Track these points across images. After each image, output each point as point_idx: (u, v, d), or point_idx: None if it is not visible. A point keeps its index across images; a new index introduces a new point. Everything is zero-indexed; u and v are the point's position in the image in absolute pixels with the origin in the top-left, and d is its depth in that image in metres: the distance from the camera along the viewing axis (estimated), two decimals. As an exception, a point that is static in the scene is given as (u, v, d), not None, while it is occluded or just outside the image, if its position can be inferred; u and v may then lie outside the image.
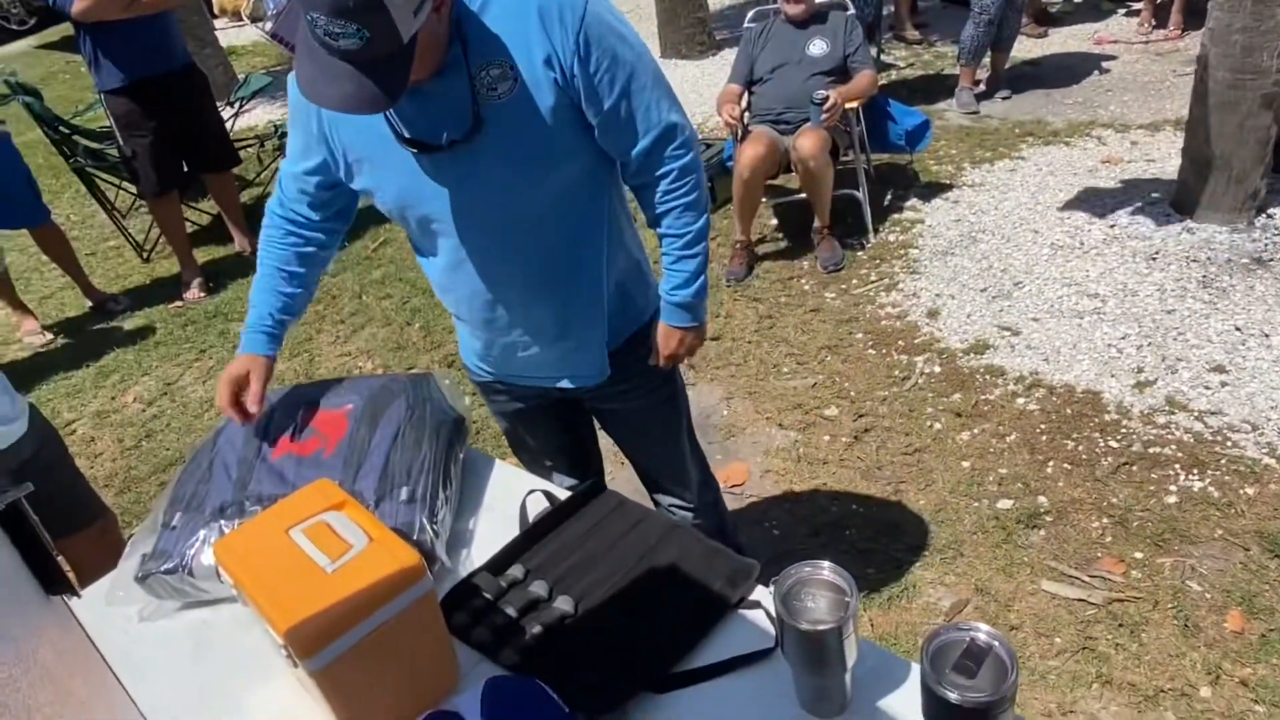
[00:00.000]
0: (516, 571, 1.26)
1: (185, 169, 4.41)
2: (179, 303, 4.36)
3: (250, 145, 5.55)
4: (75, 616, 0.77)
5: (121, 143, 4.14)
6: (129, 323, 4.27)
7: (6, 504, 0.63)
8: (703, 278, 1.55)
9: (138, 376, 3.81)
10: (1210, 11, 3.35)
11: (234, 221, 4.69)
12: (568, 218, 1.44)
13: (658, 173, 1.44)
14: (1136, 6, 5.89)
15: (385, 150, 1.35)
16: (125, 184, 4.84)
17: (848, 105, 3.66)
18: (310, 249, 1.54)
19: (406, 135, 1.32)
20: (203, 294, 4.37)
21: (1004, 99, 5.07)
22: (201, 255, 4.71)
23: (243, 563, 1.11)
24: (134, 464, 3.25)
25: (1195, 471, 2.48)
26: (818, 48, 3.76)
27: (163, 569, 1.29)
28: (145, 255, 4.88)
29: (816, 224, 3.83)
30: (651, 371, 1.66)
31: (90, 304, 4.41)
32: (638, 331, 1.62)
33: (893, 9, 6.32)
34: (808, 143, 3.52)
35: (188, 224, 4.73)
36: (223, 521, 1.32)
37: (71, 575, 1.93)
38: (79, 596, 0.74)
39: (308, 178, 1.47)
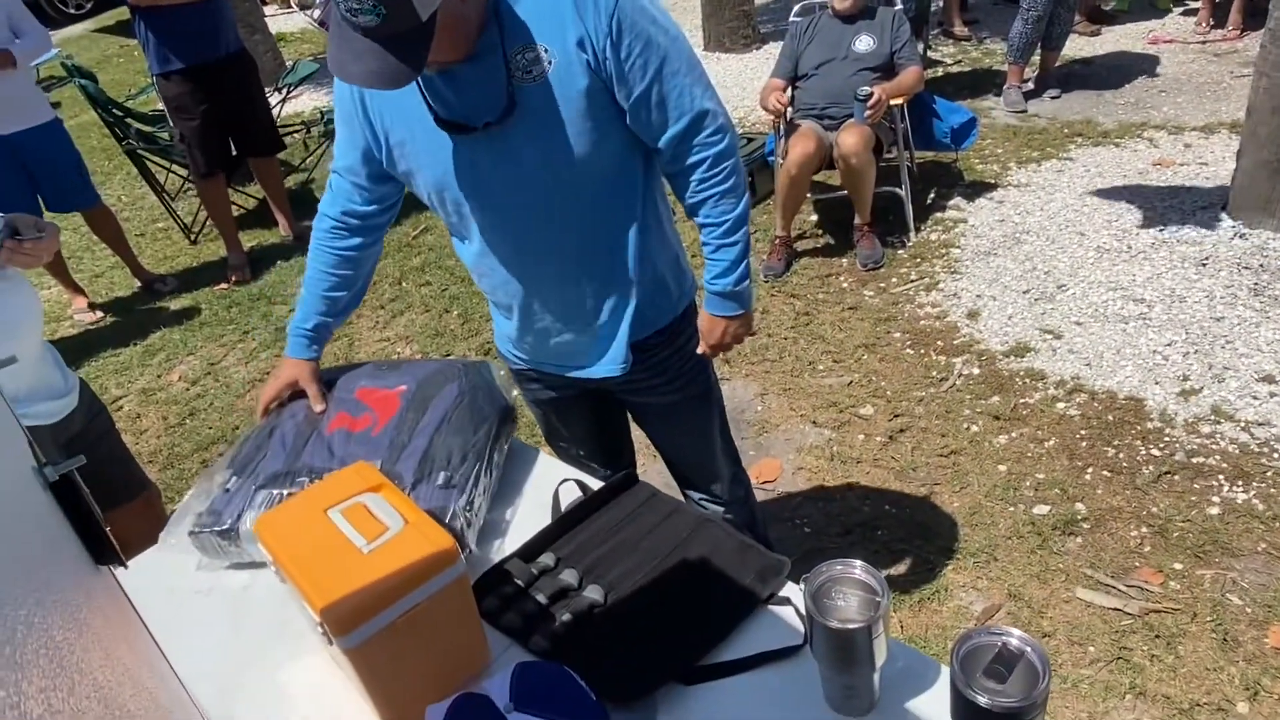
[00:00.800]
0: (547, 559, 1.28)
1: (233, 153, 4.49)
2: (224, 285, 4.44)
3: (297, 131, 5.64)
4: (121, 586, 0.79)
5: (172, 125, 4.23)
6: (175, 303, 4.36)
7: (60, 475, 0.65)
8: (745, 264, 1.53)
9: (183, 356, 3.89)
10: (1271, 12, 3.26)
11: (279, 206, 4.76)
12: (601, 202, 1.44)
13: (690, 160, 1.43)
14: (1194, 5, 5.74)
15: (424, 133, 1.38)
16: (175, 167, 4.94)
17: (892, 102, 3.62)
18: (356, 250, 1.58)
19: (443, 117, 1.35)
20: (247, 276, 4.45)
21: (1053, 98, 4.97)
22: (247, 239, 4.80)
23: (282, 541, 1.13)
24: (177, 441, 3.32)
25: (1240, 483, 2.43)
26: (864, 44, 3.72)
27: (213, 529, 1.34)
28: (193, 237, 4.98)
29: (857, 221, 3.79)
30: (684, 366, 1.66)
31: (139, 284, 4.52)
32: (671, 324, 1.62)
33: (942, 4, 6.23)
34: (850, 139, 3.48)
35: (234, 208, 4.82)
36: (272, 490, 1.37)
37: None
38: (126, 567, 0.76)
39: (359, 169, 1.51)
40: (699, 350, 1.62)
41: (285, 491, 1.35)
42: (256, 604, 1.31)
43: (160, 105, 4.29)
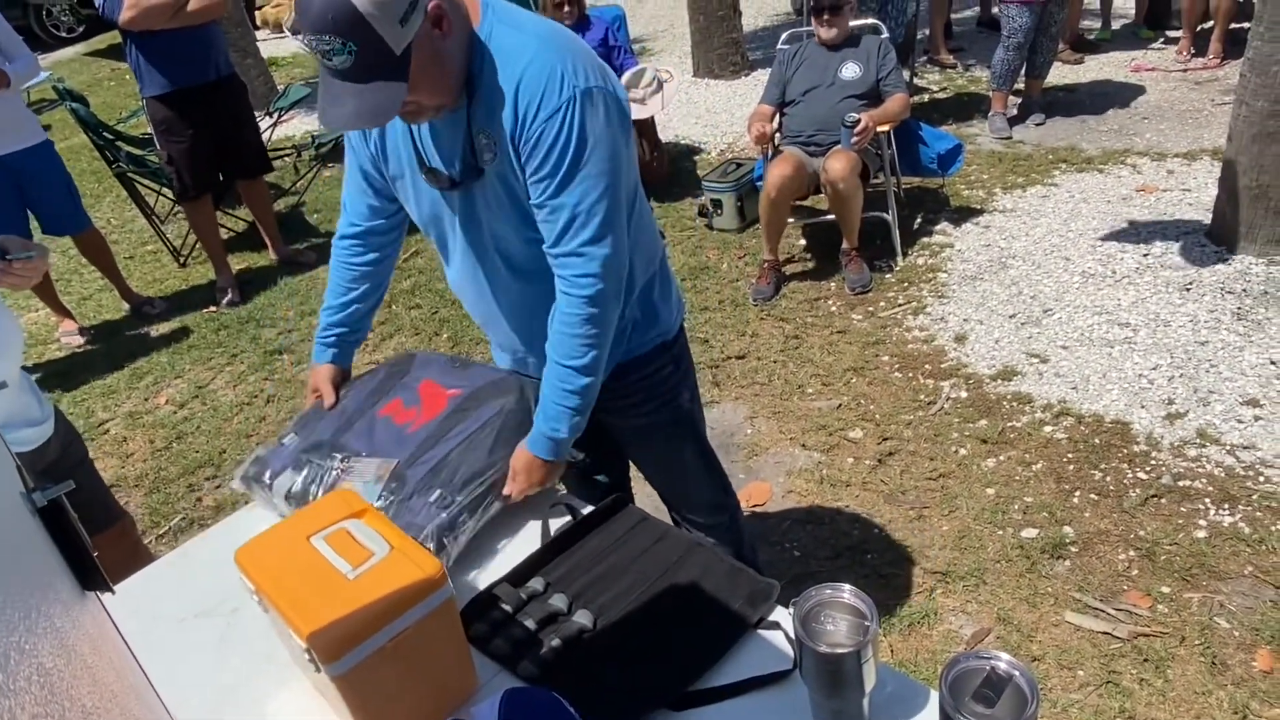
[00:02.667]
0: (537, 584, 1.27)
1: (221, 176, 4.50)
2: (213, 308, 4.43)
3: (287, 155, 5.65)
4: (108, 613, 0.79)
5: (159, 147, 4.24)
6: (164, 326, 4.34)
7: (48, 500, 0.65)
8: (579, 419, 1.46)
9: (170, 379, 3.88)
10: (1250, 41, 3.32)
11: (267, 229, 4.77)
12: (538, 279, 1.46)
13: (559, 286, 1.41)
14: (1175, 35, 5.84)
15: (412, 172, 1.47)
16: (165, 190, 4.94)
17: (879, 128, 3.66)
18: (370, 265, 1.67)
19: (428, 165, 1.42)
20: (236, 300, 4.44)
21: (1038, 125, 5.04)
22: (236, 262, 4.79)
23: (265, 570, 1.12)
24: (164, 465, 3.30)
25: (1226, 506, 2.44)
26: (850, 71, 3.77)
27: (256, 479, 1.48)
28: (182, 260, 4.97)
29: (845, 245, 3.82)
30: (653, 391, 1.68)
31: (127, 306, 4.50)
32: (645, 354, 1.63)
33: (927, 32, 6.32)
34: (838, 164, 3.52)
35: (223, 230, 4.81)
36: (310, 457, 1.46)
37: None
38: (113, 593, 0.76)
39: (365, 186, 1.58)
40: (505, 491, 1.46)
41: (318, 463, 1.44)
42: (243, 631, 1.30)
43: (149, 129, 4.30)
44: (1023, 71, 5.04)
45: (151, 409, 3.69)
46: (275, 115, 5.60)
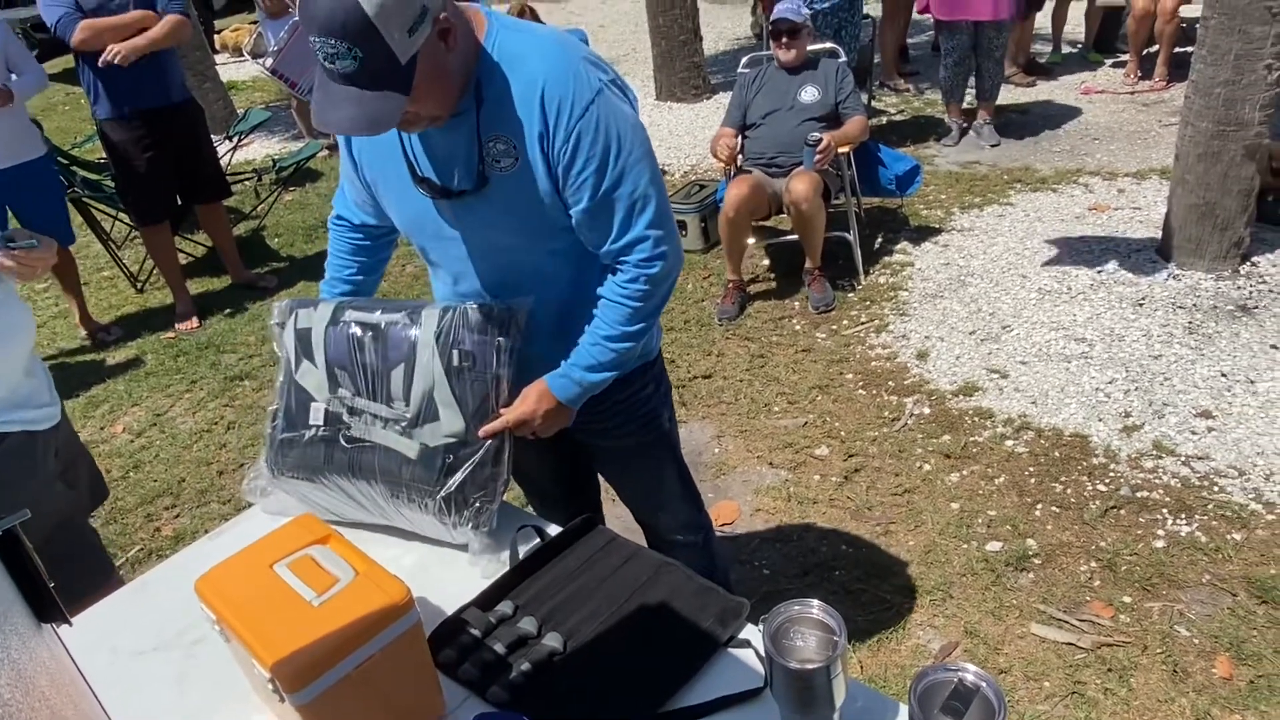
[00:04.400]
0: (505, 607, 1.26)
1: (179, 201, 4.44)
2: (171, 333, 4.36)
3: (247, 179, 5.60)
4: (65, 645, 0.77)
5: (115, 172, 4.18)
6: (120, 353, 4.26)
7: (2, 531, 0.63)
8: (606, 375, 1.49)
9: (127, 407, 3.80)
10: (1193, 65, 3.44)
11: (226, 253, 4.71)
12: (559, 279, 1.48)
13: (620, 273, 1.44)
14: (1123, 58, 6.02)
15: (397, 179, 1.44)
16: (121, 215, 4.87)
17: (840, 150, 3.72)
18: (369, 240, 1.67)
19: (420, 174, 1.39)
20: (195, 325, 4.37)
21: (993, 146, 5.16)
22: (195, 287, 4.72)
23: (227, 599, 1.10)
24: (121, 495, 3.22)
25: (1183, 516, 2.49)
26: (809, 94, 3.83)
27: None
28: (139, 286, 4.89)
29: (808, 265, 3.87)
30: (636, 412, 1.68)
31: (83, 333, 4.41)
32: (625, 377, 1.61)
33: (879, 59, 6.45)
34: (800, 185, 3.57)
35: (182, 255, 4.75)
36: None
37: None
38: (70, 624, 0.74)
39: (355, 186, 1.58)
40: (499, 413, 1.44)
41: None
42: (204, 663, 1.27)
43: (105, 152, 4.24)
44: (972, 94, 5.19)
45: (108, 438, 3.61)
46: (235, 139, 5.55)
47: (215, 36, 10.00)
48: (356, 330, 1.45)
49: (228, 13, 10.79)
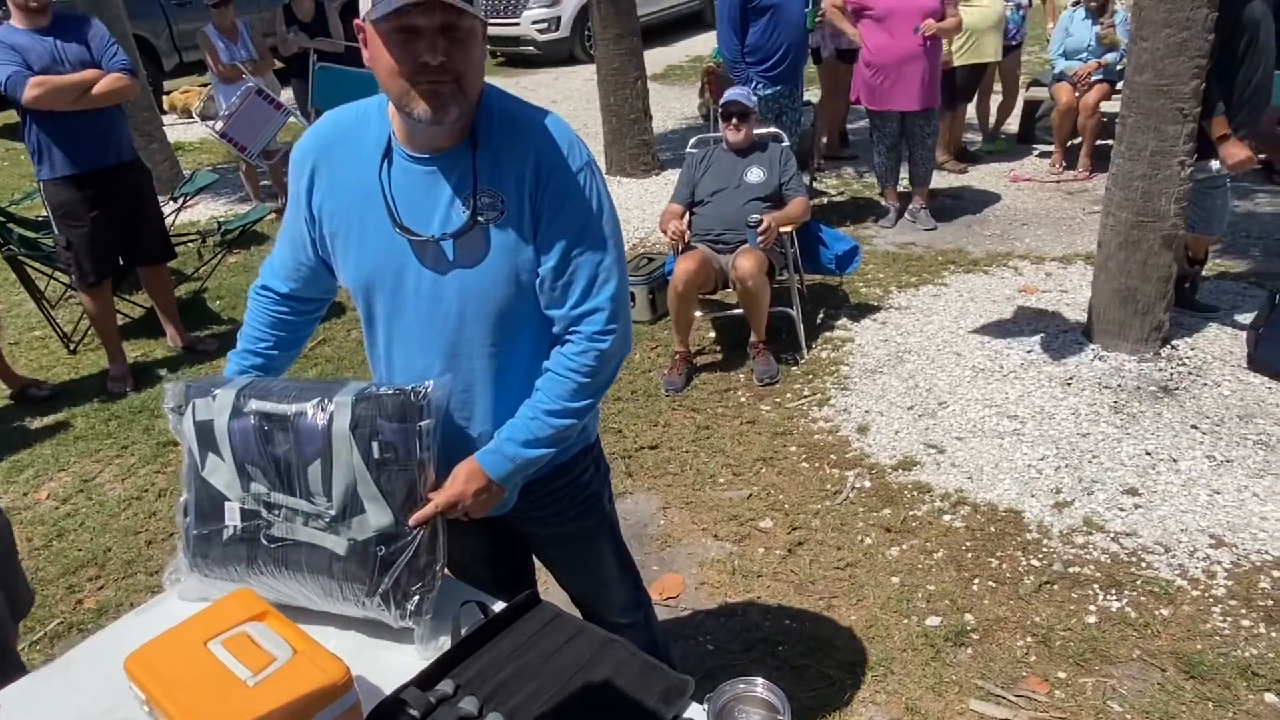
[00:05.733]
0: (446, 687, 1.24)
1: (121, 261, 4.37)
2: (104, 396, 4.23)
3: (191, 240, 5.54)
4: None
5: (57, 232, 4.10)
6: (48, 416, 4.12)
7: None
8: (543, 453, 1.47)
9: (53, 472, 3.66)
10: (1113, 159, 3.66)
11: (167, 316, 4.62)
12: (522, 337, 1.48)
13: (570, 344, 1.46)
14: (1049, 148, 6.36)
15: (366, 229, 1.43)
16: (57, 274, 4.76)
17: (782, 229, 3.85)
18: (292, 316, 1.63)
19: (400, 222, 1.40)
20: (129, 389, 4.26)
21: (928, 229, 5.37)
22: (131, 349, 4.61)
23: (158, 677, 1.07)
24: (42, 565, 3.08)
25: (1113, 591, 2.56)
26: (755, 175, 3.97)
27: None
28: (72, 347, 4.75)
29: (753, 339, 3.95)
30: (576, 498, 1.67)
31: (8, 393, 4.25)
32: (564, 464, 1.62)
33: (825, 140, 6.70)
34: (746, 262, 3.67)
35: (120, 317, 4.65)
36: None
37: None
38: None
39: (299, 248, 1.55)
40: (428, 498, 1.41)
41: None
42: (128, 745, 1.22)
43: (45, 211, 4.17)
44: (906, 179, 5.45)
45: (31, 504, 3.46)
46: (180, 200, 5.50)
47: (164, 97, 9.96)
48: (264, 424, 1.38)
49: (178, 73, 10.76)
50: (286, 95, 7.43)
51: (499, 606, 1.40)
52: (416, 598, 1.36)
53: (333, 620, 1.42)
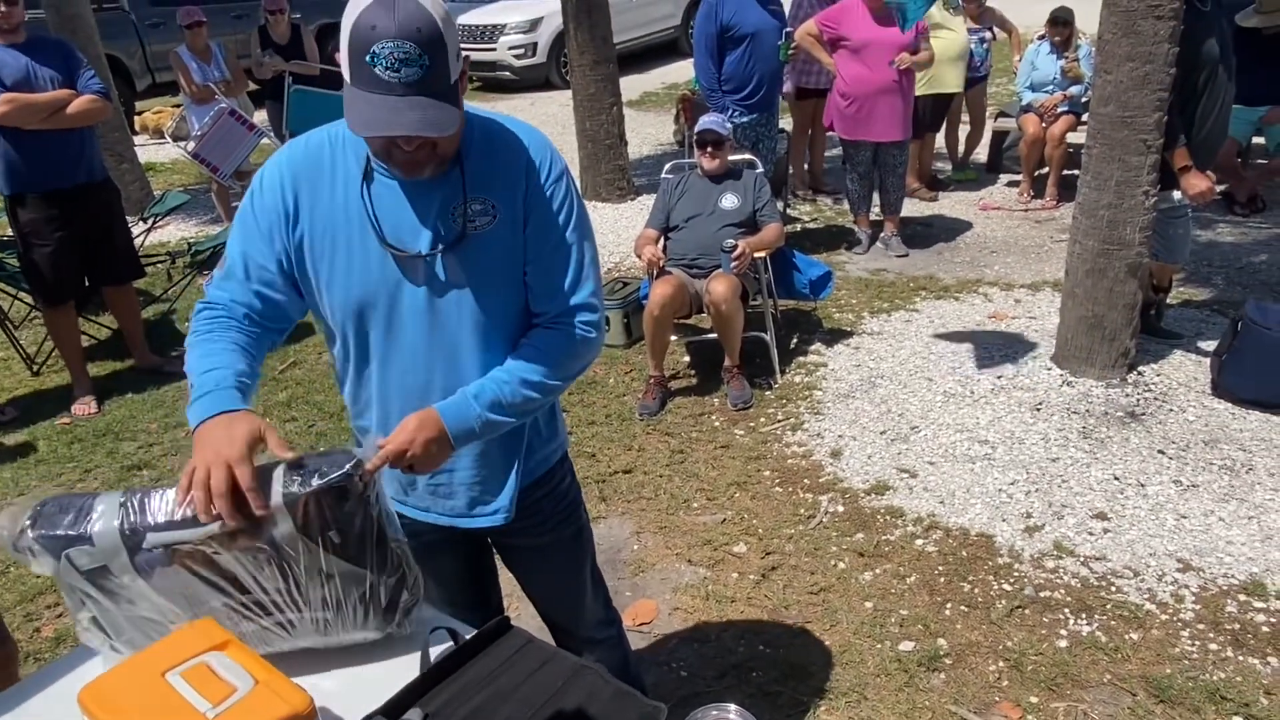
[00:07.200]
0: (414, 715, 1.22)
1: (87, 282, 4.30)
2: (66, 418, 4.15)
3: (160, 261, 5.47)
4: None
5: (22, 251, 4.03)
6: (9, 438, 4.03)
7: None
8: (505, 421, 1.45)
9: (12, 497, 3.57)
10: (1080, 188, 3.72)
11: (133, 337, 4.55)
12: (519, 334, 1.51)
13: (556, 327, 1.50)
14: (1017, 178, 6.47)
15: (354, 251, 1.42)
16: (22, 293, 4.68)
17: (756, 255, 3.87)
18: (256, 335, 1.46)
19: (386, 241, 1.40)
20: (93, 410, 4.18)
21: (900, 256, 5.43)
22: (96, 370, 4.53)
23: (113, 710, 1.04)
24: (-3, 592, 3.00)
25: (1084, 615, 2.58)
26: (730, 201, 4.00)
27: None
28: (35, 369, 4.66)
29: (727, 363, 3.96)
30: (557, 507, 1.68)
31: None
32: (546, 473, 1.65)
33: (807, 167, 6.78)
34: (720, 287, 3.68)
35: (84, 337, 4.57)
36: None
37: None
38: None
39: (267, 277, 1.44)
40: (379, 443, 1.35)
41: None
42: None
43: (9, 231, 4.10)
44: (877, 206, 5.52)
45: (-14, 530, 3.37)
46: (150, 220, 5.44)
47: (135, 118, 9.88)
48: (195, 565, 1.21)
49: (150, 94, 10.68)
50: (260, 117, 7.41)
51: (470, 634, 1.38)
52: (405, 607, 1.38)
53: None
